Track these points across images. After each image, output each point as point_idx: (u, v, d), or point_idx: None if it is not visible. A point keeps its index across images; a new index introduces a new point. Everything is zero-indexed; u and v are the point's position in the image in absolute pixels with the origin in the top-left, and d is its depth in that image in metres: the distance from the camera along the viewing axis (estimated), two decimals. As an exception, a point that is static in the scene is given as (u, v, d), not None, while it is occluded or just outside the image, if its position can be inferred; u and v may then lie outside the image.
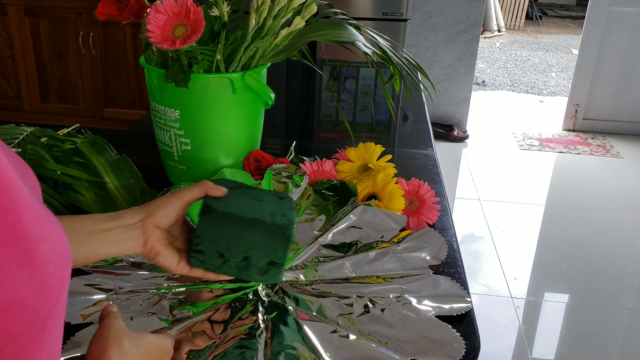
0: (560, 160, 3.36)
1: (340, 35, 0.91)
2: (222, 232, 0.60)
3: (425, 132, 1.32)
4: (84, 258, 0.56)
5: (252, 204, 0.64)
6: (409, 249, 0.78)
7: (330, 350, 0.60)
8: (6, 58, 3.09)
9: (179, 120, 0.90)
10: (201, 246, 0.60)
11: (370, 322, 0.65)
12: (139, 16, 0.91)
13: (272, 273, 0.61)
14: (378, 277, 0.73)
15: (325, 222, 0.85)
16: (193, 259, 0.60)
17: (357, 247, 0.79)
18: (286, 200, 0.67)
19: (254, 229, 0.60)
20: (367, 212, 0.85)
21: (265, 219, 0.62)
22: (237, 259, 0.60)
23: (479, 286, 2.17)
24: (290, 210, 0.65)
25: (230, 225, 0.60)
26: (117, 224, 0.57)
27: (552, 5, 8.57)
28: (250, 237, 0.60)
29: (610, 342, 1.93)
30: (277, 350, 0.60)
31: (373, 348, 0.61)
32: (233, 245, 0.60)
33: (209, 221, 0.60)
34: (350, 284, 0.72)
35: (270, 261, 0.60)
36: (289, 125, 1.41)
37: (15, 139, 0.91)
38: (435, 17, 3.33)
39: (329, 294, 0.70)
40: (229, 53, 0.89)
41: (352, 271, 0.74)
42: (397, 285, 0.71)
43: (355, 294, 0.69)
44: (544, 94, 4.84)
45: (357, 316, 0.66)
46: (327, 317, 0.65)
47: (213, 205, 0.61)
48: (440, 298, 0.69)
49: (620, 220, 2.69)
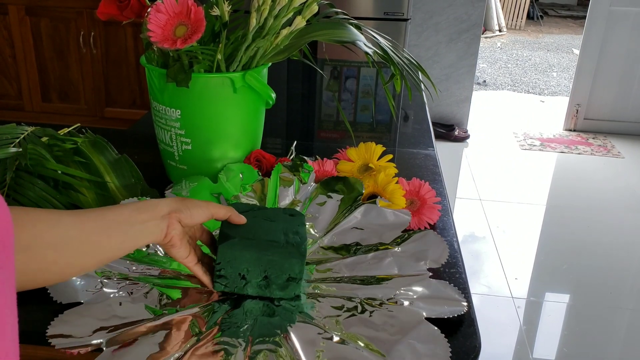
0: (562, 160, 3.36)
1: (341, 35, 0.91)
2: (241, 257, 0.65)
3: (426, 132, 1.32)
4: (128, 247, 0.59)
5: (265, 225, 0.69)
6: (409, 251, 0.77)
7: (310, 353, 0.59)
8: (7, 57, 3.09)
9: (180, 120, 0.90)
10: (223, 271, 0.65)
11: (357, 324, 0.63)
12: (140, 16, 0.91)
13: (291, 288, 0.66)
14: (373, 279, 0.71)
15: (329, 222, 0.84)
16: (217, 284, 0.66)
17: (357, 249, 0.78)
18: (297, 217, 0.73)
19: (269, 250, 0.65)
20: (371, 212, 0.84)
21: (279, 239, 0.67)
22: (258, 279, 0.66)
23: (479, 286, 2.17)
24: (302, 227, 0.71)
25: (247, 249, 0.65)
26: (152, 215, 0.60)
27: (554, 5, 8.56)
28: (267, 258, 0.65)
29: (611, 342, 1.92)
30: (258, 350, 0.59)
31: (354, 350, 0.59)
32: (252, 268, 0.65)
33: (228, 248, 0.65)
34: (345, 285, 0.71)
35: (288, 277, 0.66)
36: (289, 125, 1.41)
37: (16, 139, 0.91)
38: (436, 17, 3.33)
39: (320, 295, 0.69)
40: (229, 53, 0.89)
41: (348, 272, 0.73)
42: (392, 287, 0.69)
43: (347, 296, 0.68)
44: (545, 94, 4.84)
45: (344, 318, 0.64)
46: (313, 319, 0.64)
47: (230, 233, 0.66)
48: (434, 300, 0.67)
49: (621, 221, 2.68)
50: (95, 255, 0.56)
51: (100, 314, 0.64)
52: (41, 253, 0.51)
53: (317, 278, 0.72)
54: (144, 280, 0.70)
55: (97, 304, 0.65)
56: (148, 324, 0.62)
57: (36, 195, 0.84)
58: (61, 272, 0.55)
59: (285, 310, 0.66)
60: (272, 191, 0.90)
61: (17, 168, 0.85)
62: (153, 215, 0.60)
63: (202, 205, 0.64)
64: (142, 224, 0.59)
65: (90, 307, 0.65)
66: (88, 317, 0.63)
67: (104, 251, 0.57)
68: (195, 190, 0.88)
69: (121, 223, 0.57)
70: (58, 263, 0.53)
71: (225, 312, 0.65)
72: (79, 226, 0.55)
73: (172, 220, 0.61)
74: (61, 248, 0.53)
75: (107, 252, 0.57)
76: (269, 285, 0.66)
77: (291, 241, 0.67)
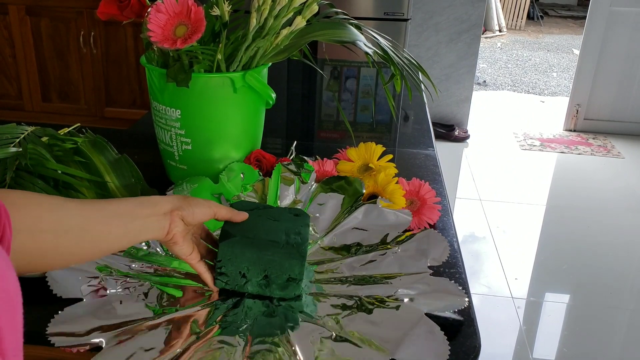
0: (562, 161, 3.36)
1: (341, 35, 0.91)
2: (241, 255, 0.65)
3: (426, 132, 1.32)
4: (129, 241, 0.59)
5: (267, 224, 0.70)
6: (410, 250, 0.77)
7: (309, 353, 0.59)
8: (7, 57, 3.09)
9: (180, 119, 0.90)
10: (224, 269, 0.66)
11: (357, 321, 0.63)
12: (140, 16, 0.91)
13: (292, 288, 0.66)
14: (374, 278, 0.71)
15: (330, 222, 0.84)
16: (218, 281, 0.66)
17: (357, 249, 0.78)
18: (302, 216, 0.73)
19: (270, 250, 0.66)
20: (372, 212, 0.84)
21: (280, 239, 0.68)
22: (258, 278, 0.66)
23: (479, 286, 2.17)
24: (305, 227, 0.71)
25: (247, 248, 0.65)
26: (154, 211, 0.60)
27: (554, 5, 8.56)
28: (267, 257, 0.65)
29: (611, 342, 1.92)
30: (257, 350, 0.59)
31: (354, 348, 0.59)
32: (252, 266, 0.65)
33: (229, 246, 0.65)
34: (345, 284, 0.70)
35: (288, 277, 0.66)
36: (289, 125, 1.41)
37: (16, 138, 0.91)
38: (436, 17, 3.33)
39: (320, 295, 0.69)
40: (229, 53, 0.89)
41: (348, 272, 0.73)
42: (393, 286, 0.69)
43: (348, 295, 0.68)
44: (545, 94, 4.84)
45: (344, 316, 0.64)
46: (313, 318, 0.64)
47: (231, 231, 0.67)
48: (434, 295, 0.67)
49: (621, 221, 2.68)
50: (95, 245, 0.56)
51: (101, 313, 0.64)
52: (41, 237, 0.51)
53: (318, 278, 0.72)
54: (144, 278, 0.70)
55: (97, 302, 0.65)
56: (148, 323, 0.62)
57: (36, 195, 0.84)
58: (61, 258, 0.55)
59: (285, 310, 0.66)
60: (273, 191, 0.90)
61: (17, 168, 0.85)
62: (155, 212, 0.60)
63: (205, 204, 0.64)
64: (144, 219, 0.59)
65: (91, 305, 0.65)
66: (88, 316, 0.63)
67: (104, 241, 0.57)
68: (196, 191, 0.88)
69: (122, 215, 0.57)
70: (58, 249, 0.53)
71: (225, 311, 0.65)
72: (80, 213, 0.55)
73: (175, 218, 0.61)
74: (61, 234, 0.53)
75: (107, 243, 0.57)
76: (269, 284, 0.66)
77: (292, 242, 0.68)
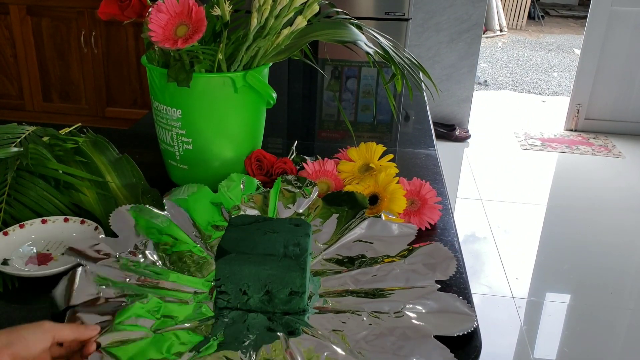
0: (562, 160, 3.36)
1: (342, 35, 0.91)
2: (239, 271, 0.63)
3: (427, 132, 1.32)
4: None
5: (265, 238, 0.67)
6: (416, 264, 0.74)
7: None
8: (8, 57, 3.09)
9: (181, 119, 0.90)
10: (223, 287, 0.64)
11: (363, 339, 0.61)
12: (141, 15, 0.91)
13: (295, 302, 0.65)
14: (380, 292, 0.69)
15: (333, 235, 0.83)
16: (220, 300, 0.65)
17: (362, 262, 0.76)
18: (302, 226, 0.70)
19: (267, 264, 0.64)
20: (376, 225, 0.82)
21: (278, 252, 0.65)
22: (260, 294, 0.64)
23: (480, 286, 2.17)
24: (305, 237, 0.68)
25: (245, 264, 0.63)
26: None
27: (555, 5, 8.55)
28: (265, 271, 0.63)
29: (611, 342, 1.92)
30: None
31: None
32: (252, 282, 0.64)
33: (225, 263, 0.64)
34: (350, 298, 0.69)
35: (290, 291, 0.64)
36: (290, 125, 1.41)
37: (17, 138, 0.91)
38: (437, 17, 3.33)
39: (325, 309, 0.67)
40: (230, 52, 0.89)
41: (353, 285, 0.71)
42: (399, 300, 0.67)
43: (353, 310, 0.66)
44: (546, 94, 4.84)
45: (350, 332, 0.62)
46: (318, 332, 0.62)
47: (226, 248, 0.64)
48: (442, 315, 0.65)
49: (622, 221, 2.68)
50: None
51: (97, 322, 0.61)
52: None
53: (322, 292, 0.70)
54: (142, 291, 0.68)
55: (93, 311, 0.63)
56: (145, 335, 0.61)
57: (37, 195, 0.84)
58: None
59: (288, 324, 0.64)
60: (272, 204, 0.88)
61: (18, 168, 0.85)
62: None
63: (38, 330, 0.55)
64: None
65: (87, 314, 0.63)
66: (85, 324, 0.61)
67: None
68: (195, 199, 0.86)
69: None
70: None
71: (227, 326, 0.63)
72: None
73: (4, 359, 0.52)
74: None
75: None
76: (271, 299, 0.64)
77: (290, 253, 0.65)
